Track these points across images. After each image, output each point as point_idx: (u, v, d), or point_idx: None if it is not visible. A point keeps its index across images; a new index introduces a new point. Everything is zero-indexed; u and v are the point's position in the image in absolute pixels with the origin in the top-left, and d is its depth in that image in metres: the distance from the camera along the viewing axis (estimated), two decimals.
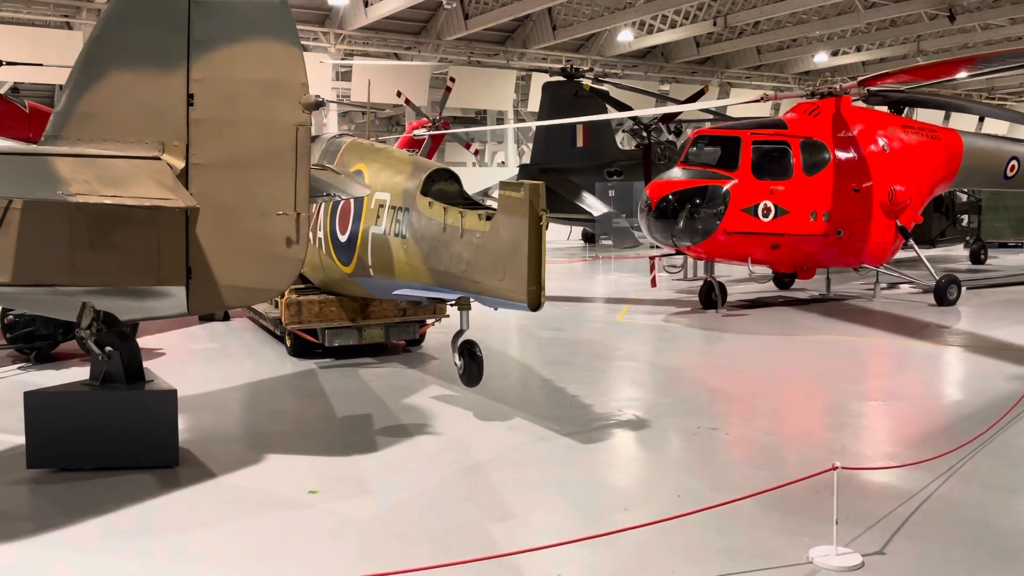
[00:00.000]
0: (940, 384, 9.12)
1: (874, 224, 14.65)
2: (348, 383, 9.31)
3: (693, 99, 20.76)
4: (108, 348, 6.46)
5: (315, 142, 11.72)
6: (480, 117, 38.80)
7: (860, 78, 14.24)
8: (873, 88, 14.94)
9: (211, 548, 4.96)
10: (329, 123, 33.01)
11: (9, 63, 19.60)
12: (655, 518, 4.99)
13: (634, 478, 6.07)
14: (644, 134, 19.74)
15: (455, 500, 5.66)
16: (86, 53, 6.11)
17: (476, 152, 29.60)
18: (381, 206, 8.49)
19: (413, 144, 27.80)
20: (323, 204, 10.11)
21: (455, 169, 8.47)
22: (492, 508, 5.51)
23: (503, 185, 6.53)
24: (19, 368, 10.31)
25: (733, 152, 13.66)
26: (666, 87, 39.89)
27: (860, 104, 16.14)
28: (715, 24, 32.39)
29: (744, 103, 16.13)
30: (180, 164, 5.93)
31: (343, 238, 9.42)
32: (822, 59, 39.86)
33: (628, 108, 20.21)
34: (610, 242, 25.54)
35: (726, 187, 13.34)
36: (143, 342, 11.94)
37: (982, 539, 5.00)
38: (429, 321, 11.13)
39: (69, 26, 28.34)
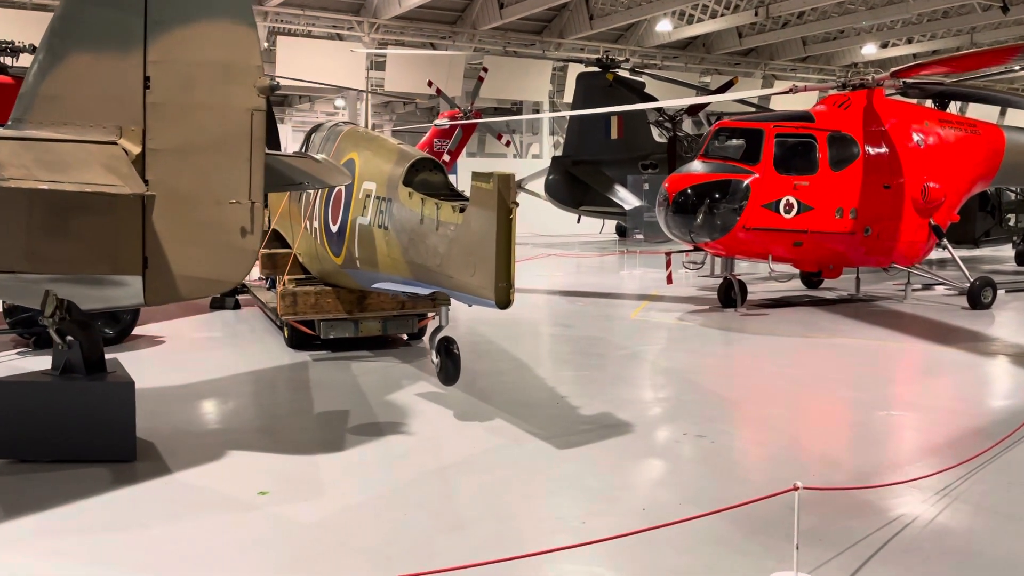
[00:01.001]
0: (958, 394, 8.57)
1: (905, 222, 14.01)
2: (337, 377, 9.09)
3: (721, 90, 20.15)
4: (69, 338, 6.31)
5: (317, 130, 11.56)
6: (516, 108, 38.39)
7: (893, 69, 13.57)
8: (909, 80, 14.28)
9: (137, 550, 4.74)
10: (362, 113, 32.94)
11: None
12: (612, 533, 4.66)
13: (602, 488, 5.72)
14: (669, 126, 19.21)
15: (408, 507, 5.38)
16: (49, 33, 5.94)
17: (507, 143, 29.22)
18: (368, 196, 8.24)
19: (443, 135, 27.57)
20: (318, 193, 9.91)
21: (492, 161, 8.19)
22: (443, 517, 5.22)
23: (475, 176, 6.21)
24: (18, 353, 10.30)
25: (755, 145, 13.14)
26: (707, 79, 39.08)
27: (899, 97, 15.50)
28: (757, 14, 31.48)
29: (771, 94, 15.53)
30: (136, 149, 5.73)
31: (335, 228, 9.20)
32: (870, 51, 38.58)
33: (653, 99, 19.70)
34: (641, 236, 25.06)
35: (746, 181, 12.83)
36: (146, 329, 11.93)
37: (966, 569, 4.57)
38: (430, 315, 10.87)
39: None
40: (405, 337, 11.01)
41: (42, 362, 9.85)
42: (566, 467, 6.14)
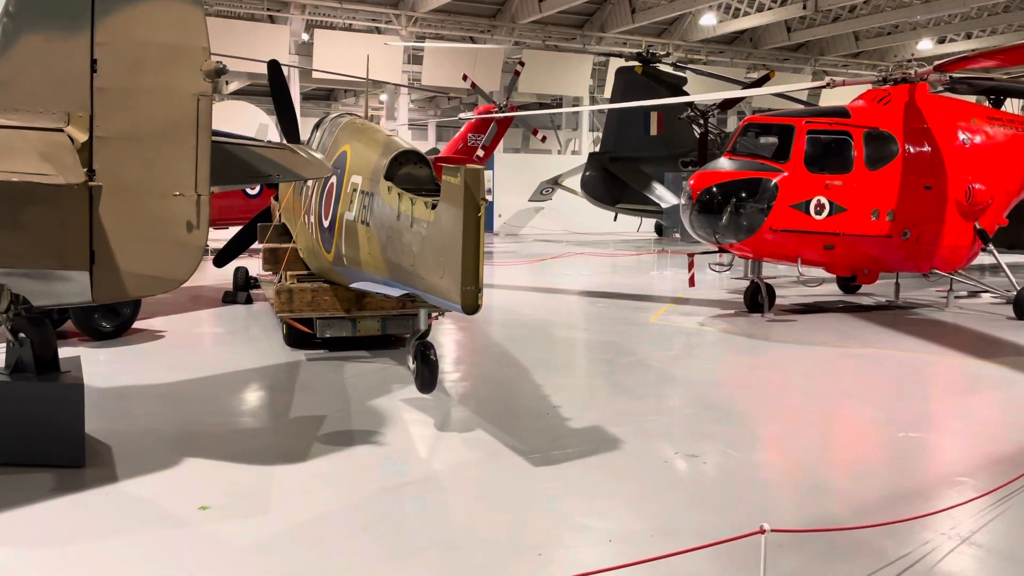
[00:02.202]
0: (991, 415, 7.84)
1: (947, 226, 13.18)
2: (326, 378, 8.72)
3: (757, 84, 19.35)
4: (21, 335, 6.02)
5: (322, 123, 11.22)
6: (555, 103, 37.78)
7: (937, 63, 12.74)
8: (956, 75, 13.42)
9: (45, 569, 4.38)
10: (401, 107, 32.69)
11: None
12: (566, 570, 4.16)
13: (571, 513, 5.22)
14: (701, 121, 18.48)
15: (354, 529, 4.93)
16: (2, 14, 5.62)
17: (543, 139, 28.66)
18: (355, 190, 7.84)
19: (477, 129, 27.13)
20: (315, 186, 9.55)
21: (535, 157, 7.73)
22: (387, 543, 4.76)
23: (446, 170, 5.73)
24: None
25: (785, 142, 12.45)
26: (754, 75, 38.02)
27: (946, 94, 14.64)
28: (805, 7, 30.45)
29: (805, 88, 14.75)
30: (83, 137, 5.36)
31: (327, 223, 8.82)
32: (926, 46, 37.13)
33: (684, 93, 19.01)
34: (679, 235, 24.31)
35: (774, 180, 12.14)
36: (150, 323, 11.72)
37: None
38: (434, 315, 10.43)
39: None
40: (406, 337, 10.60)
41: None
42: (538, 487, 5.65)
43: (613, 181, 26.31)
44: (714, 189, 12.40)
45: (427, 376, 6.61)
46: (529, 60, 33.72)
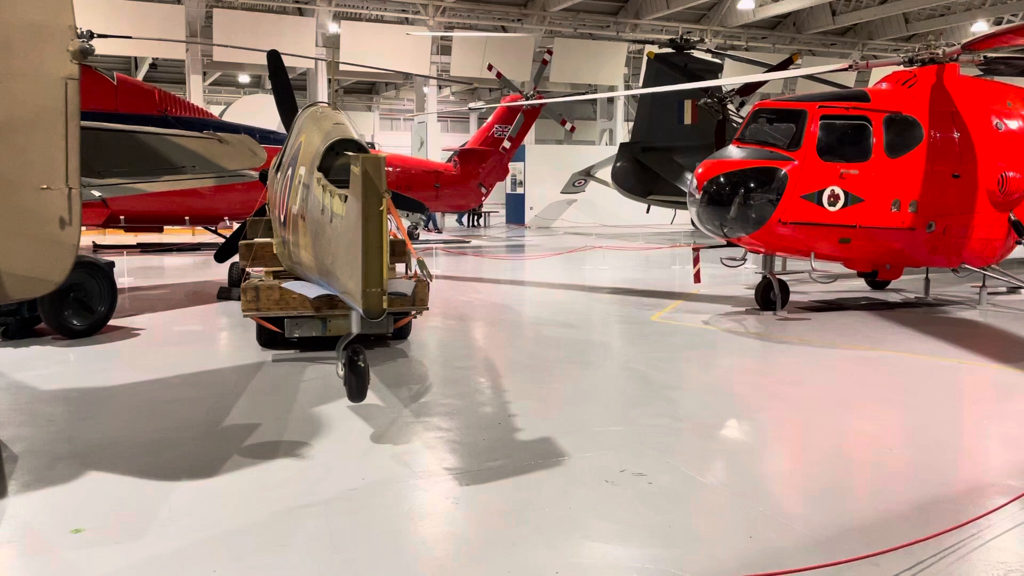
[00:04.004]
0: (990, 430, 7.02)
1: (978, 217, 12.22)
2: (284, 381, 8.28)
3: (780, 67, 18.39)
4: None
5: (299, 114, 10.76)
6: (591, 92, 36.92)
7: (965, 41, 11.75)
8: (991, 54, 12.40)
9: None
10: (430, 98, 32.26)
11: (99, 35, 19.68)
12: None
13: (471, 542, 4.64)
14: (717, 108, 17.61)
15: (223, 559, 4.42)
16: None
17: (572, 129, 27.95)
18: (299, 182, 7.35)
19: (504, 120, 26.58)
20: (281, 179, 9.09)
21: (578, 148, 7.15)
22: (258, 575, 4.26)
23: (352, 159, 5.17)
24: None
25: (795, 128, 11.61)
26: (799, 61, 36.65)
27: (979, 75, 13.62)
28: None
29: (827, 70, 13.83)
30: None
31: (282, 217, 8.37)
32: (981, 28, 35.36)
33: (699, 78, 18.14)
34: None
35: (783, 170, 11.33)
36: (132, 321, 11.45)
37: None
38: (412, 313, 9.94)
39: None
40: (389, 336, 10.13)
41: (16, 354, 9.45)
42: (451, 512, 5.08)
43: (645, 172, 25.52)
44: (720, 179, 11.64)
45: (354, 385, 6.08)
46: (561, 49, 33.05)
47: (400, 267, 10.46)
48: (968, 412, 7.64)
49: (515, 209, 34.46)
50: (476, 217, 34.86)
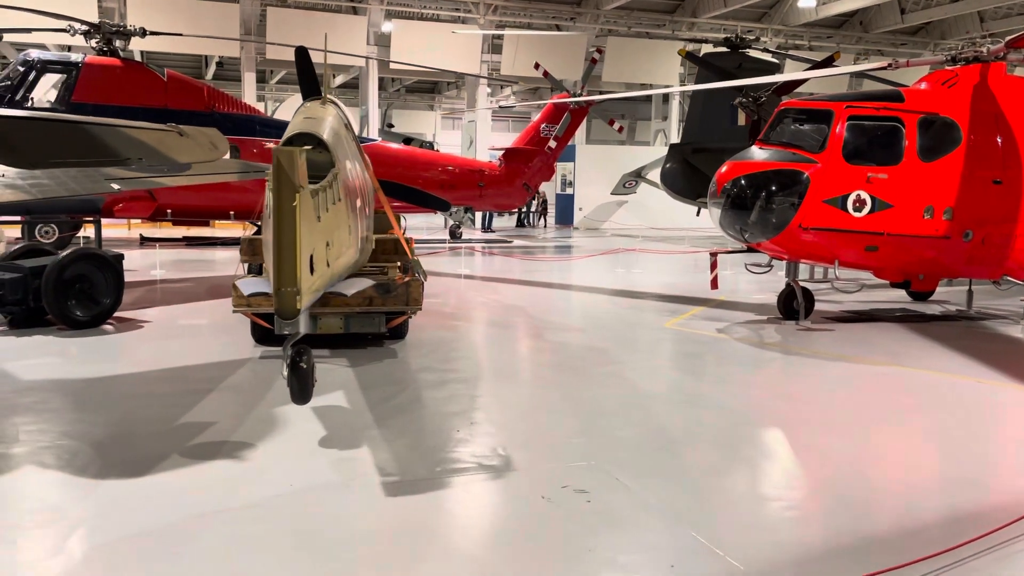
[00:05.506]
0: (989, 458, 6.44)
1: (1021, 226, 11.41)
2: (260, 379, 8.18)
3: (821, 66, 17.61)
4: None
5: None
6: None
7: (1009, 38, 10.99)
8: None
9: None
10: (480, 96, 32.14)
11: (152, 32, 20.10)
12: None
13: (366, 561, 4.39)
14: (753, 108, 16.96)
15: (90, 570, 4.28)
16: None
17: (620, 129, 27.46)
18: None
19: (550, 119, 26.25)
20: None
21: (635, 148, 6.90)
22: None
23: (276, 151, 4.97)
24: None
25: (820, 129, 11.03)
26: (864, 61, 35.39)
27: None
28: None
29: (866, 69, 13.12)
30: None
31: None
32: None
33: (733, 76, 17.51)
34: None
35: (804, 172, 10.77)
36: (140, 313, 11.55)
37: None
38: (409, 312, 9.76)
39: None
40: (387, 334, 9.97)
41: (16, 343, 9.61)
42: (361, 525, 4.83)
43: (695, 174, 24.85)
44: (741, 182, 11.15)
45: (295, 386, 5.88)
46: (615, 48, 32.57)
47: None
48: (973, 437, 7.04)
49: (563, 210, 34.09)
50: (540, 216, 34.55)
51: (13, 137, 5.03)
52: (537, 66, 26.06)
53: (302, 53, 11.66)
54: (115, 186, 10.11)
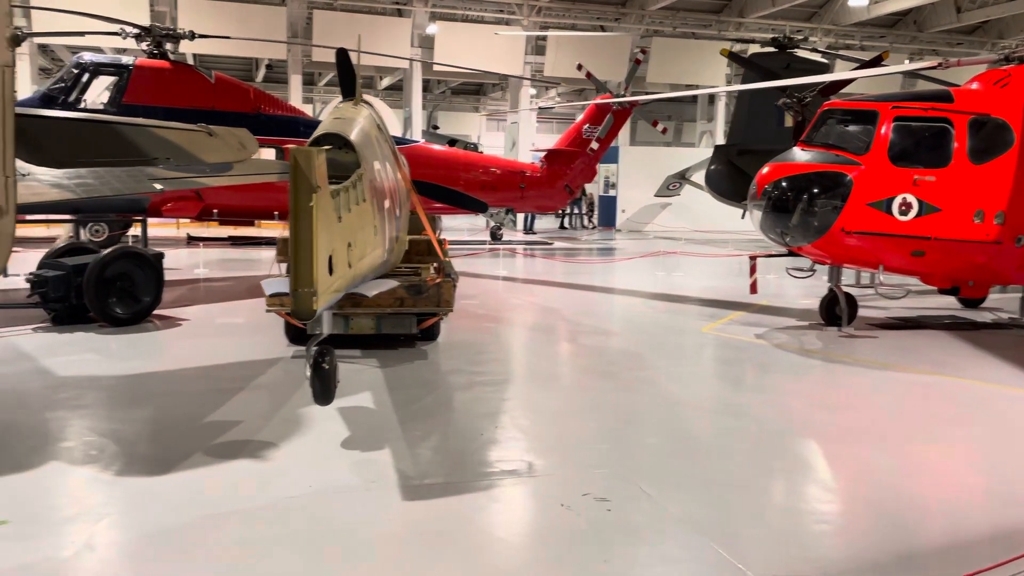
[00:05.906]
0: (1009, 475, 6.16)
1: None
2: (288, 378, 8.20)
3: (868, 65, 17.14)
4: None
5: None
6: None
7: None
8: None
9: None
10: (523, 97, 32.06)
11: (200, 35, 20.41)
12: None
13: (376, 567, 4.32)
14: (797, 109, 16.57)
15: (101, 569, 4.28)
16: None
17: (664, 131, 27.15)
18: None
19: (593, 120, 26.06)
20: None
21: (680, 150, 6.84)
22: None
23: (293, 151, 4.93)
24: (32, 329, 10.29)
25: (865, 130, 10.72)
26: (917, 62, 34.50)
27: None
28: None
29: (915, 68, 12.75)
30: None
31: None
32: None
33: (779, 77, 17.14)
34: None
35: (848, 175, 10.48)
36: (180, 311, 11.69)
37: None
38: (441, 314, 9.72)
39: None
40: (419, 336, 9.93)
41: (57, 339, 9.79)
42: (374, 529, 4.77)
43: (740, 176, 24.43)
44: (783, 184, 10.89)
45: (318, 387, 5.86)
46: (660, 48, 32.25)
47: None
48: (1021, 452, 6.74)
49: (606, 212, 33.82)
50: (588, 217, 34.35)
51: (41, 137, 5.09)
52: (580, 67, 25.87)
53: (342, 55, 11.71)
54: (158, 186, 10.25)
